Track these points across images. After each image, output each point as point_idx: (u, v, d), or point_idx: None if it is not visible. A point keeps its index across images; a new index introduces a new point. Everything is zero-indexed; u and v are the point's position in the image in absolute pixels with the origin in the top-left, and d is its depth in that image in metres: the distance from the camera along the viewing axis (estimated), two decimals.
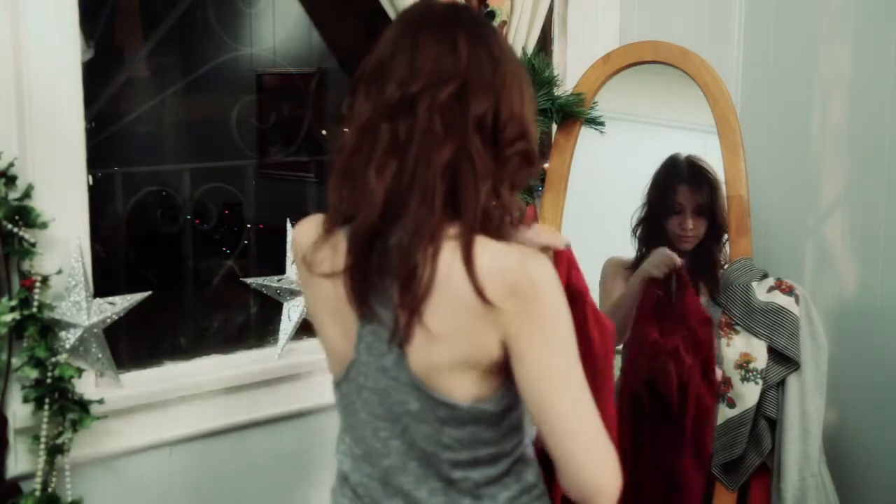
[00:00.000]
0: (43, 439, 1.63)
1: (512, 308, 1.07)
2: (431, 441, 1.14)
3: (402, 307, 1.08)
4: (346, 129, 1.15)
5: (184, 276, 2.27)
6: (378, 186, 1.08)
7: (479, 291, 1.05)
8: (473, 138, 1.09)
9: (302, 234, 1.22)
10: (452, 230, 1.08)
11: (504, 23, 2.06)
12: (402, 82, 1.10)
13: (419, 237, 1.06)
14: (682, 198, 2.10)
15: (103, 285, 1.81)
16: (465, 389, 1.11)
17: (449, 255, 1.08)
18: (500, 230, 1.11)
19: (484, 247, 1.08)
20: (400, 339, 1.09)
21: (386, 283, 1.10)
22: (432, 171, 1.07)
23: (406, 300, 1.07)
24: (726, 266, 2.05)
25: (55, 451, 1.65)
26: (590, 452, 1.08)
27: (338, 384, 1.23)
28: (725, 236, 2.08)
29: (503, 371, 1.12)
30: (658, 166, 2.13)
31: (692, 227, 2.08)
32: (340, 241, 1.14)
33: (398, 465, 1.18)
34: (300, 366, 2.06)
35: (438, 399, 1.12)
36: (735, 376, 1.91)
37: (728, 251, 2.06)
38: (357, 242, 1.11)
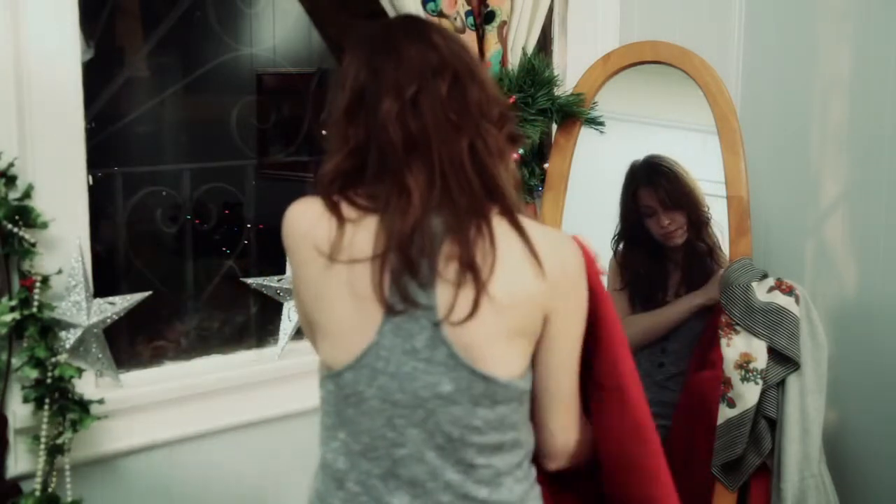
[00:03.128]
0: (43, 439, 1.63)
1: (562, 286, 1.15)
2: (459, 424, 1.14)
3: (464, 284, 1.11)
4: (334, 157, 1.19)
5: (184, 276, 2.27)
6: (412, 183, 1.12)
7: (540, 265, 1.13)
8: (481, 122, 1.15)
9: (307, 220, 1.21)
10: (494, 209, 1.15)
11: (504, 23, 2.06)
12: (397, 92, 1.13)
13: (469, 219, 1.12)
14: (647, 200, 2.11)
15: (103, 285, 1.81)
16: (506, 363, 1.15)
17: (503, 232, 1.13)
18: (518, 207, 1.18)
19: (532, 226, 1.16)
20: (462, 315, 1.11)
21: (423, 266, 1.12)
22: (459, 159, 1.13)
23: (469, 276, 1.11)
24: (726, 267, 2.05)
25: (55, 451, 1.65)
26: (574, 423, 1.24)
27: (338, 374, 1.18)
28: (709, 212, 2.09)
29: (534, 348, 1.18)
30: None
31: (669, 223, 2.09)
32: (361, 228, 1.15)
33: (414, 454, 1.16)
34: (300, 366, 2.06)
35: (479, 373, 1.13)
36: (735, 376, 1.91)
37: (728, 251, 2.06)
38: (400, 236, 1.12)
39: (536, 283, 1.13)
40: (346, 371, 1.17)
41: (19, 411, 1.66)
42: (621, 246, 2.16)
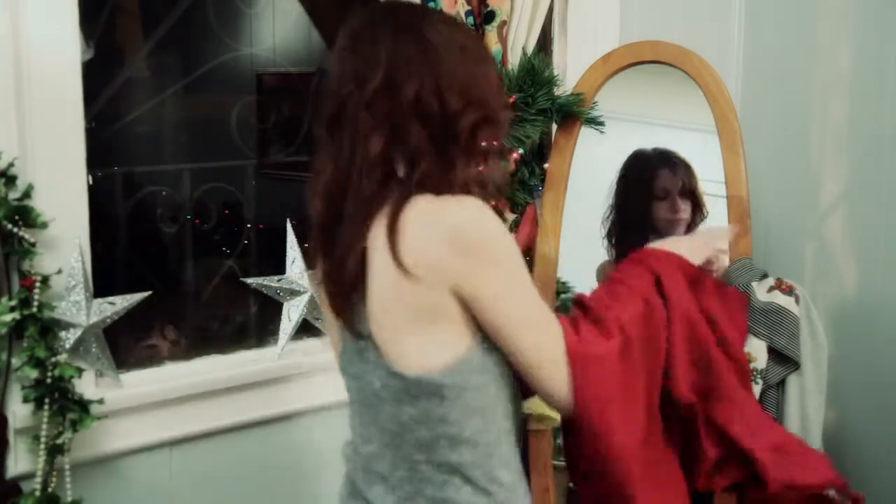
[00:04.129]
0: (43, 439, 1.63)
1: (446, 260, 1.11)
2: (394, 421, 1.18)
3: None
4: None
5: (184, 276, 2.28)
6: (318, 186, 1.19)
7: (397, 256, 1.10)
8: (410, 121, 1.14)
9: None
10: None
11: (504, 23, 2.06)
12: (334, 92, 1.19)
13: (353, 222, 1.15)
14: (665, 182, 2.08)
15: (103, 285, 1.81)
16: (417, 358, 1.14)
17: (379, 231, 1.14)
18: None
19: (412, 210, 1.12)
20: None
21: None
22: (364, 161, 1.14)
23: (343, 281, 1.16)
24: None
25: (55, 451, 1.65)
26: (552, 374, 1.17)
27: (340, 373, 1.30)
28: (706, 213, 2.07)
29: (455, 336, 1.15)
30: (622, 166, 2.12)
31: (683, 209, 2.08)
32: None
33: (376, 451, 1.22)
34: (300, 366, 2.06)
35: (392, 370, 1.15)
36: None
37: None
38: (315, 243, 1.22)
39: (399, 275, 1.11)
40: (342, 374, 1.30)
41: (19, 411, 1.66)
42: (613, 237, 2.13)
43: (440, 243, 1.10)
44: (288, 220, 2.07)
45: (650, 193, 2.09)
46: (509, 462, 1.22)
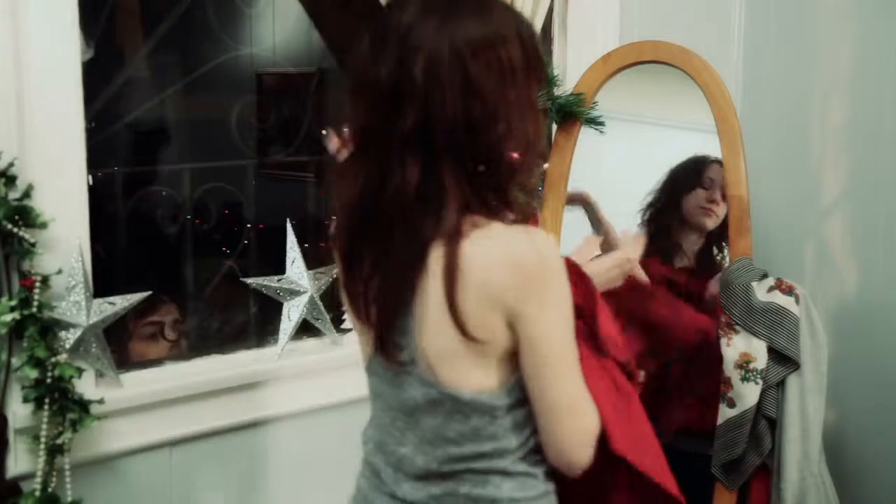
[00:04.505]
0: (43, 439, 1.63)
1: (505, 290, 1.09)
2: (437, 433, 1.17)
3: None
4: None
5: (184, 276, 2.28)
6: (348, 196, 1.16)
7: (453, 290, 1.08)
8: (454, 140, 1.10)
9: None
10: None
11: None
12: (376, 102, 1.14)
13: (405, 248, 1.12)
14: (713, 174, 2.12)
15: (103, 285, 1.81)
16: (471, 379, 1.13)
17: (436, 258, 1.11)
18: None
19: (472, 239, 1.09)
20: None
21: None
22: (408, 179, 1.10)
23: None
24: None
25: (55, 451, 1.65)
26: (575, 436, 1.15)
27: (366, 371, 1.27)
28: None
29: (508, 361, 1.14)
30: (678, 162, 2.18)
31: (720, 204, 2.10)
32: None
33: (410, 454, 1.20)
34: (300, 366, 2.06)
35: (444, 391, 1.14)
36: (735, 376, 1.91)
37: (728, 251, 2.06)
38: (342, 254, 1.21)
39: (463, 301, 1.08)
40: (367, 371, 1.27)
41: (19, 411, 1.66)
42: (648, 215, 2.17)
43: (503, 275, 1.08)
44: (288, 220, 2.07)
45: (697, 182, 2.13)
46: (540, 462, 1.23)
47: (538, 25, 2.18)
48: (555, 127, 2.18)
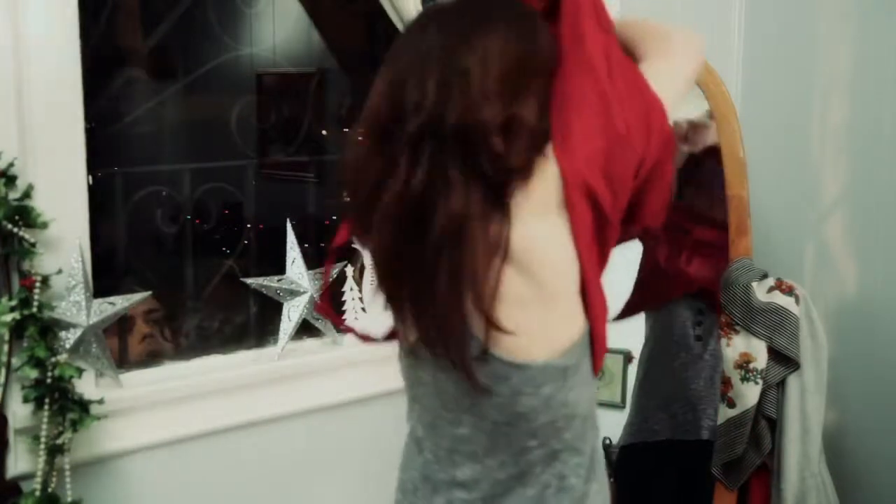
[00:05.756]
0: (43, 439, 1.63)
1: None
2: (504, 412, 1.13)
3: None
4: None
5: (184, 276, 2.27)
6: (388, 202, 1.12)
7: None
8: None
9: None
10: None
11: None
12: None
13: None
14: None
15: (103, 285, 1.81)
16: (541, 345, 1.10)
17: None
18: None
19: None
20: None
21: None
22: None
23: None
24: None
25: (55, 451, 1.65)
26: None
27: (406, 354, 1.23)
28: None
29: (573, 311, 1.11)
30: None
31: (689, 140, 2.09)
32: None
33: (469, 435, 1.17)
34: (300, 366, 2.06)
35: (511, 362, 1.10)
36: (735, 376, 1.91)
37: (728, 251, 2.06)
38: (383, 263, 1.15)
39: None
40: (409, 354, 1.22)
41: (19, 411, 1.66)
42: None
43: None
44: (288, 220, 2.08)
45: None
46: (595, 426, 1.22)
47: None
48: None
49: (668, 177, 1.16)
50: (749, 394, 1.90)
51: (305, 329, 2.11)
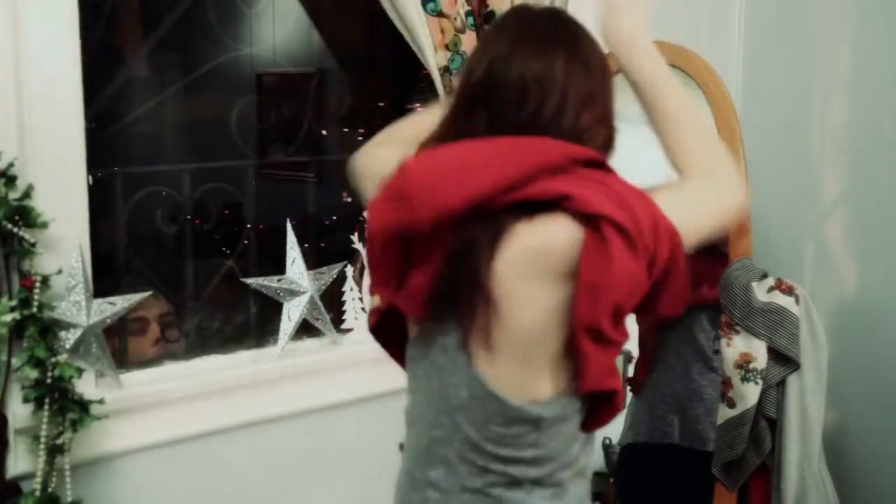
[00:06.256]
0: (43, 439, 1.63)
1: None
2: (476, 430, 1.15)
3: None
4: None
5: (184, 276, 2.28)
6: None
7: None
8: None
9: None
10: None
11: None
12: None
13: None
14: None
15: (103, 285, 1.81)
16: (523, 386, 1.12)
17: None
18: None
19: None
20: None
21: None
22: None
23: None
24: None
25: (55, 451, 1.65)
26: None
27: (410, 344, 1.25)
28: None
29: (563, 371, 1.13)
30: None
31: None
32: None
33: (445, 437, 1.18)
34: (300, 366, 2.06)
35: (490, 391, 1.12)
36: (735, 376, 1.91)
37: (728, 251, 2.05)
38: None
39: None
40: (411, 346, 1.24)
41: (19, 411, 1.66)
42: None
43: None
44: (288, 220, 2.07)
45: None
46: (583, 470, 1.22)
47: None
48: None
49: (682, 267, 1.14)
50: (749, 394, 1.90)
51: (305, 329, 2.10)
